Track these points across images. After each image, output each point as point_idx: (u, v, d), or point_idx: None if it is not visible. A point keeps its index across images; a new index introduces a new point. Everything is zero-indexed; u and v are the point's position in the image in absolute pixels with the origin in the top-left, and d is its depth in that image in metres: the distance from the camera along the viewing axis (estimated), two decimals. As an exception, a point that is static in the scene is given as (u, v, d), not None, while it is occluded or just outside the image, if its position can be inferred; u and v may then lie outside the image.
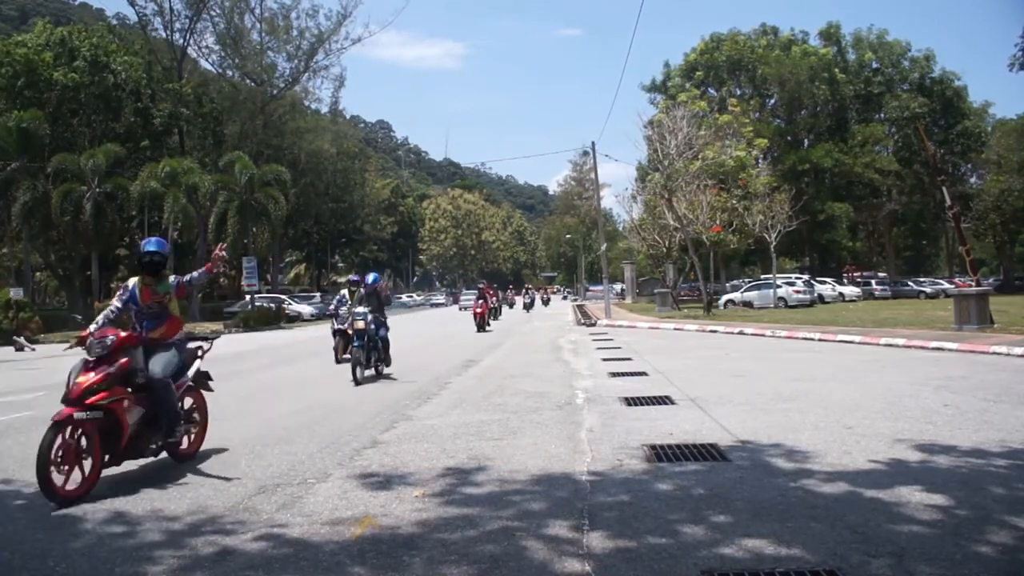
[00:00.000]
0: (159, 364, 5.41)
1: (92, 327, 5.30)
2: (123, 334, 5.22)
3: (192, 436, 5.98)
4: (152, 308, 5.65)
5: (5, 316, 28.83)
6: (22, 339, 24.80)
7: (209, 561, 3.62)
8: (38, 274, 49.54)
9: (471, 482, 4.95)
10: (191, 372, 5.91)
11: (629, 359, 12.99)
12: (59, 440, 4.66)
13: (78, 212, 34.33)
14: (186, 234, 37.38)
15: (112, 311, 5.52)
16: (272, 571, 3.47)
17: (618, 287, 61.25)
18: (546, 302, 54.59)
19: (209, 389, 6.28)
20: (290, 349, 19.92)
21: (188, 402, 5.96)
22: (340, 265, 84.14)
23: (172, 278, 5.82)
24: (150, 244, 5.77)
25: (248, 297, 37.99)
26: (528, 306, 44.58)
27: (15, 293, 29.60)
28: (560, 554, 3.54)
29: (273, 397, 9.87)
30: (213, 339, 6.46)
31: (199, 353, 6.12)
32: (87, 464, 4.88)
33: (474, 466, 5.37)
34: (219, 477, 5.32)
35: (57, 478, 4.63)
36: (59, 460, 4.65)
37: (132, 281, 5.71)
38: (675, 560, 3.40)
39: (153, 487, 5.09)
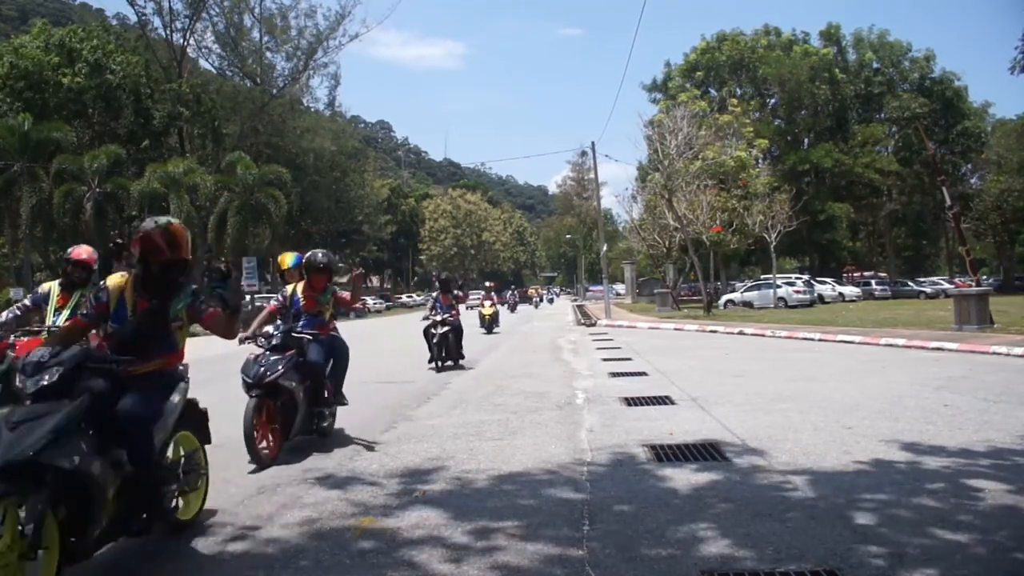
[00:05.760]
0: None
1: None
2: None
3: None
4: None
5: (5, 316, 28.79)
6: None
7: (208, 561, 3.62)
8: (38, 274, 49.45)
9: (471, 482, 4.95)
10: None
11: (629, 359, 12.99)
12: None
13: (78, 212, 34.35)
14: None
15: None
16: (272, 571, 3.47)
17: (620, 287, 61.25)
18: (513, 306, 38.26)
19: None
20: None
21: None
22: (340, 265, 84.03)
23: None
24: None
25: (248, 297, 37.98)
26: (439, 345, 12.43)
27: (15, 293, 29.57)
28: (560, 554, 3.54)
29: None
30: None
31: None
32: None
33: (474, 466, 5.37)
34: (218, 476, 5.32)
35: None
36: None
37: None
38: (675, 560, 3.40)
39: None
